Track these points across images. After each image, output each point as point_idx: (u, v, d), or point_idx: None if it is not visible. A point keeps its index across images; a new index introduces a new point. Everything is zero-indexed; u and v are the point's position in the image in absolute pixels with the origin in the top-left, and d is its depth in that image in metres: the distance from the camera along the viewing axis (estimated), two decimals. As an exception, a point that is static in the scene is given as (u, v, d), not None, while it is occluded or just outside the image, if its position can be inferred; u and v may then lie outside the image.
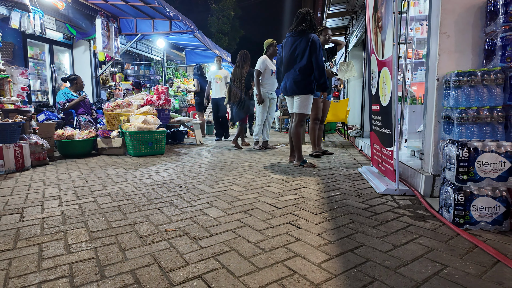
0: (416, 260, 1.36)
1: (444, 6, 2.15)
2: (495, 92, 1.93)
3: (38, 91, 6.31)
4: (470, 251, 1.45)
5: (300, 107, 3.55)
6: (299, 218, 1.90)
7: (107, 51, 6.54)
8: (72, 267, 1.33)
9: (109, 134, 4.67)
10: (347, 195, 2.38)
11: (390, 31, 2.37)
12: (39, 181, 2.92)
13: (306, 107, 3.54)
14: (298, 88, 3.50)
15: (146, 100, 5.36)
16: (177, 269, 1.30)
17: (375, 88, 2.90)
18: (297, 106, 3.57)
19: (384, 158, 2.69)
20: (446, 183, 1.83)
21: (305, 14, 3.50)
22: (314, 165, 3.54)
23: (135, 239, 1.60)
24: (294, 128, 3.65)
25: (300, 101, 3.54)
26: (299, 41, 3.48)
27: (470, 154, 1.67)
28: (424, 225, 1.78)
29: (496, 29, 1.98)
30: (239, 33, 25.58)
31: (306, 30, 3.47)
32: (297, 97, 3.56)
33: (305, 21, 3.48)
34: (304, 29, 3.48)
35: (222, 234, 1.66)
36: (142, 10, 6.49)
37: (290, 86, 3.55)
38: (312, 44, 3.39)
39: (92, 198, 2.36)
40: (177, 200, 2.29)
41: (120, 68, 9.61)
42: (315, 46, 3.39)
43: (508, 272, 1.26)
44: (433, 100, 2.24)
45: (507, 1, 1.91)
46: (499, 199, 1.65)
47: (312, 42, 3.39)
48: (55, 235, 1.67)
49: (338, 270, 1.29)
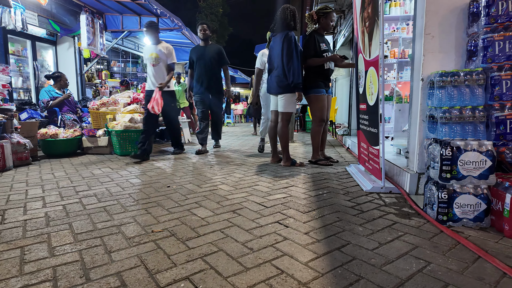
0: (401, 257, 1.39)
1: (428, 8, 2.19)
2: (477, 92, 1.98)
3: (20, 89, 6.13)
4: (452, 247, 1.49)
5: (285, 105, 3.49)
6: (287, 217, 1.91)
7: (92, 48, 6.40)
8: (56, 270, 1.30)
9: (95, 133, 4.58)
10: (334, 194, 2.41)
11: (377, 31, 2.40)
12: (22, 182, 2.84)
13: (291, 105, 3.51)
14: (280, 87, 3.46)
15: (133, 98, 5.27)
16: (164, 271, 1.29)
17: (362, 88, 2.94)
18: (281, 105, 3.52)
19: (370, 157, 2.73)
20: (430, 181, 1.87)
21: (282, 11, 3.46)
22: (304, 164, 3.57)
23: (122, 241, 1.58)
24: (280, 128, 3.58)
25: (284, 100, 3.49)
26: (278, 39, 3.45)
27: (453, 153, 1.71)
28: (409, 222, 1.81)
29: (478, 31, 2.03)
30: (227, 30, 25.43)
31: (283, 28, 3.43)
32: (281, 96, 3.51)
33: (283, 19, 3.44)
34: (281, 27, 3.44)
35: (210, 235, 1.65)
36: (128, 7, 6.37)
37: (273, 85, 3.53)
38: (284, 42, 3.33)
39: (77, 198, 2.31)
40: (165, 200, 2.27)
41: (106, 65, 9.43)
42: (287, 44, 3.31)
43: (489, 268, 1.30)
44: (418, 100, 2.28)
45: (488, 3, 1.96)
46: (480, 197, 1.70)
47: (285, 39, 3.33)
48: (38, 237, 1.63)
49: (325, 269, 1.30)
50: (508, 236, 1.59)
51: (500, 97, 1.94)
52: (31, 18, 5.67)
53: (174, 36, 8.14)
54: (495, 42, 1.93)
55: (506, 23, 1.92)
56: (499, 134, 1.95)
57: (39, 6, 5.72)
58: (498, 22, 1.94)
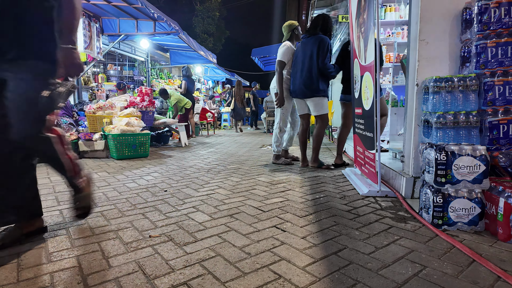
0: (397, 261, 1.41)
1: (423, 14, 2.23)
2: (470, 97, 2.01)
3: (16, 92, 6.09)
4: (448, 251, 1.51)
5: (318, 109, 3.55)
6: (284, 221, 1.92)
7: (89, 51, 6.39)
8: (53, 276, 1.30)
9: (91, 137, 4.57)
10: (331, 197, 2.43)
11: (372, 37, 2.44)
12: (18, 187, 2.82)
13: (323, 108, 3.56)
14: (311, 90, 3.49)
15: (130, 101, 5.27)
16: (162, 276, 1.29)
17: (358, 92, 2.97)
18: (314, 109, 3.57)
19: (366, 161, 2.75)
20: (426, 185, 1.90)
21: (318, 17, 3.58)
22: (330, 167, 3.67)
23: (119, 246, 1.58)
24: (317, 130, 3.63)
25: (315, 104, 3.54)
26: (309, 43, 3.51)
27: (448, 158, 1.74)
28: (405, 226, 1.83)
29: (471, 37, 2.07)
30: (224, 33, 25.53)
31: (317, 32, 3.51)
32: (310, 100, 3.56)
33: (318, 24, 3.53)
34: (315, 31, 3.52)
35: (207, 239, 1.66)
36: (125, 11, 6.38)
37: (301, 88, 3.55)
38: (320, 45, 3.41)
39: (74, 203, 2.30)
40: (162, 204, 2.27)
41: (103, 68, 9.40)
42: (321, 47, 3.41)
43: (483, 272, 1.32)
44: (413, 105, 2.31)
45: (481, 10, 1.99)
46: (475, 201, 1.72)
47: (321, 43, 3.41)
48: (35, 243, 1.62)
49: (322, 273, 1.31)
50: (502, 239, 1.61)
51: (493, 102, 1.97)
52: (28, 22, 5.65)
53: (171, 39, 8.16)
54: (487, 48, 1.97)
55: (499, 30, 1.96)
56: (493, 139, 1.98)
57: (35, 10, 5.70)
58: (491, 29, 1.98)
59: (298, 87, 3.58)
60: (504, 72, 1.95)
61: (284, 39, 3.90)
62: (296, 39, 3.90)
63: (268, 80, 4.48)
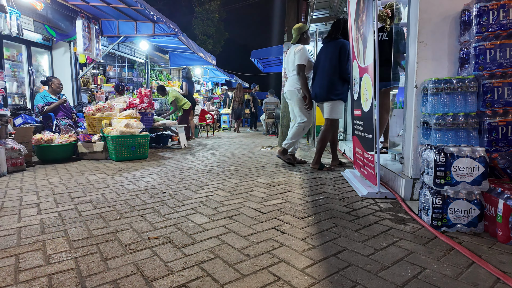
0: (396, 263, 1.40)
1: (422, 16, 2.23)
2: (469, 99, 2.01)
3: (15, 94, 6.08)
4: (447, 253, 1.51)
5: (331, 112, 3.57)
6: (283, 223, 1.92)
7: (88, 53, 6.39)
8: (51, 278, 1.29)
9: (90, 138, 4.56)
10: (330, 199, 2.42)
11: (371, 38, 2.44)
12: (16, 188, 2.81)
13: (337, 112, 3.57)
14: (328, 94, 3.52)
15: (129, 103, 5.27)
16: (160, 278, 1.29)
17: (357, 94, 2.97)
18: (327, 112, 3.60)
19: (366, 162, 2.75)
20: (425, 186, 1.90)
21: (339, 21, 3.60)
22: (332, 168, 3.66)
23: (118, 248, 1.57)
24: (322, 132, 3.65)
25: (330, 107, 3.56)
26: (330, 47, 3.54)
27: (447, 159, 1.74)
28: (404, 228, 1.83)
29: (470, 39, 2.07)
30: (224, 35, 25.55)
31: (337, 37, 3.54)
32: (327, 103, 3.59)
33: (339, 28, 3.55)
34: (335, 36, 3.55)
35: (206, 241, 1.65)
36: (124, 12, 6.39)
37: (320, 92, 3.59)
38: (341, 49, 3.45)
39: (73, 205, 2.30)
40: (161, 206, 2.27)
41: (102, 70, 9.39)
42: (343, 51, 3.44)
43: (482, 273, 1.32)
44: (412, 106, 2.32)
45: (480, 12, 2.00)
46: (474, 202, 1.72)
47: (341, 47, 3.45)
48: (33, 245, 1.61)
49: (321, 275, 1.31)
50: (502, 241, 1.61)
51: (492, 104, 1.98)
52: (27, 23, 5.66)
53: (170, 41, 8.18)
54: (486, 50, 1.97)
55: (497, 31, 1.97)
56: (492, 140, 1.98)
57: (35, 12, 5.71)
58: (489, 30, 1.98)
59: (319, 91, 3.62)
60: (503, 73, 1.95)
61: (293, 41, 3.92)
62: (304, 43, 3.88)
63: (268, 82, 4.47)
